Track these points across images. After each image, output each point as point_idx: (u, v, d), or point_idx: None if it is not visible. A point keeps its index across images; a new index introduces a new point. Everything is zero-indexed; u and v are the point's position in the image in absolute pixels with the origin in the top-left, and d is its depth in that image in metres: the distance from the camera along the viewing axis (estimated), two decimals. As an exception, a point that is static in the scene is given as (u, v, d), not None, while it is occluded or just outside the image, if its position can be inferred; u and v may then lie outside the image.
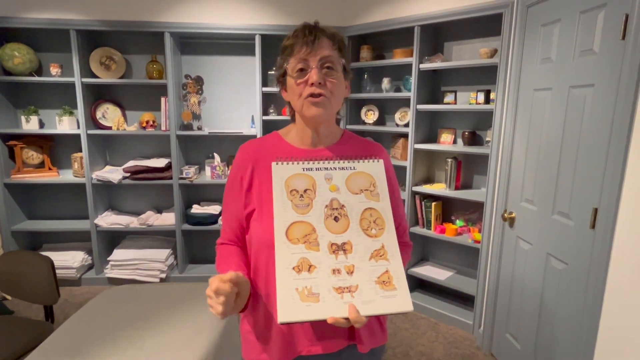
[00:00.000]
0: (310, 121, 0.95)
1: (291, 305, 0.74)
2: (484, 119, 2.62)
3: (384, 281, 0.78)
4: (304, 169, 0.86)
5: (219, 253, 1.01)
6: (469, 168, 2.74)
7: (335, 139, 1.02)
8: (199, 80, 3.22)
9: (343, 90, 0.96)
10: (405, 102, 2.91)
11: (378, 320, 1.01)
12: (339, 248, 0.80)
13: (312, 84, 0.88)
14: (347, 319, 0.74)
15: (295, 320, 0.73)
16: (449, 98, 2.63)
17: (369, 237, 0.82)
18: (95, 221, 3.11)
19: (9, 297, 2.84)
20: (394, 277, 0.79)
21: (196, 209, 3.22)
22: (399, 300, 0.77)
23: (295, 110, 0.96)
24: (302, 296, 0.75)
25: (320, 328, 0.93)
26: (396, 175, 1.06)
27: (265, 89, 3.03)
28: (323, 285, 0.76)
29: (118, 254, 3.14)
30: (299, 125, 0.99)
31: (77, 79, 2.88)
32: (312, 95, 0.89)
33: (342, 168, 0.88)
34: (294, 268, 0.77)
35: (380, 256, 0.81)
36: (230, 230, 1.00)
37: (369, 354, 1.00)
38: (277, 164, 0.86)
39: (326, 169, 0.87)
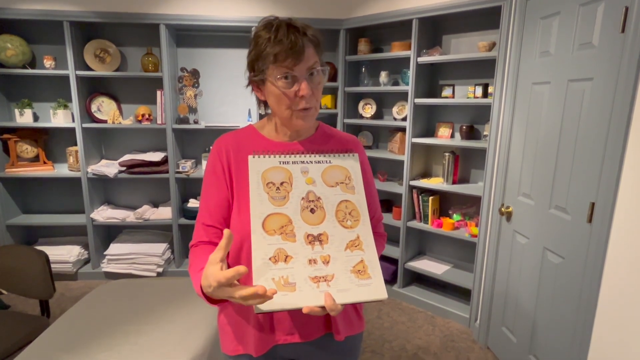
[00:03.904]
0: (295, 129, 0.95)
1: None
2: (481, 113, 2.62)
3: (359, 270, 0.80)
4: (280, 162, 0.87)
5: (192, 254, 0.91)
6: (467, 162, 2.73)
7: (310, 132, 1.02)
8: (195, 73, 3.19)
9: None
10: (403, 96, 2.90)
11: (354, 309, 1.04)
12: (315, 239, 0.81)
13: (302, 95, 0.86)
14: (323, 307, 0.75)
15: (272, 310, 0.74)
16: (447, 92, 2.61)
17: (344, 228, 0.83)
18: (91, 215, 3.09)
19: (4, 292, 2.82)
20: (369, 267, 0.80)
21: (193, 203, 3.21)
22: (374, 288, 0.78)
23: (278, 116, 0.95)
24: (279, 286, 0.75)
25: (296, 318, 0.95)
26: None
27: (262, 82, 3.01)
28: (299, 275, 0.77)
29: (114, 248, 3.13)
30: (276, 122, 0.98)
31: (71, 72, 2.85)
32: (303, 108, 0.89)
33: (318, 162, 0.89)
34: (270, 259, 0.78)
35: (356, 246, 0.82)
36: (210, 217, 0.94)
37: (346, 342, 1.02)
38: (253, 157, 0.87)
39: (302, 162, 0.88)
